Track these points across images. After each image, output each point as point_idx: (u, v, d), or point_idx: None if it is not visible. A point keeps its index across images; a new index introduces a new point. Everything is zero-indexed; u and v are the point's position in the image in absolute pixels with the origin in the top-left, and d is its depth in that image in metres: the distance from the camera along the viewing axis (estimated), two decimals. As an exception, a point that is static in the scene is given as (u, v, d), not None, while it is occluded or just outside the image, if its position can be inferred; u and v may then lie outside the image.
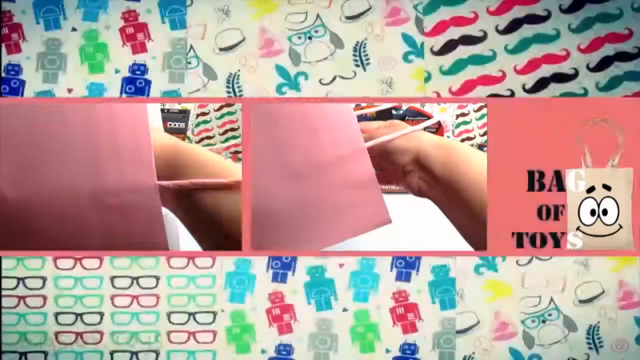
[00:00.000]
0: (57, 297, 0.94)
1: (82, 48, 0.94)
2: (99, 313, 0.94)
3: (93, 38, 0.94)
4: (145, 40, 0.94)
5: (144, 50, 0.94)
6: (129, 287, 0.94)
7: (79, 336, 0.94)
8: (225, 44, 0.95)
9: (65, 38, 0.94)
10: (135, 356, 0.94)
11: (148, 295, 0.94)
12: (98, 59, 0.94)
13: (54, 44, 0.94)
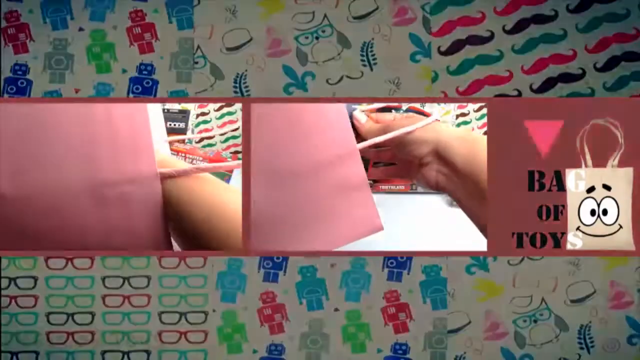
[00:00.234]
0: (49, 297, 0.94)
1: (89, 48, 0.94)
2: (91, 313, 0.94)
3: (100, 38, 0.94)
4: (152, 40, 0.94)
5: (151, 50, 0.94)
6: (120, 287, 0.94)
7: (71, 336, 0.94)
8: (232, 44, 0.95)
9: (72, 38, 0.94)
10: (126, 356, 0.94)
11: (139, 295, 0.94)
12: (105, 59, 0.94)
13: (61, 44, 0.94)
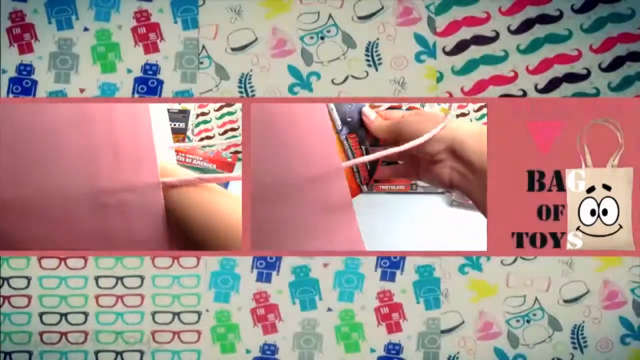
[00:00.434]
0: (42, 297, 0.94)
1: (94, 48, 0.94)
2: (84, 313, 0.94)
3: (105, 38, 0.94)
4: (157, 40, 0.94)
5: (156, 50, 0.94)
6: (114, 287, 0.94)
7: (64, 336, 0.94)
8: (237, 44, 0.95)
9: (77, 38, 0.94)
10: (119, 356, 0.94)
11: (132, 295, 0.94)
12: (110, 59, 0.94)
13: (66, 44, 0.94)
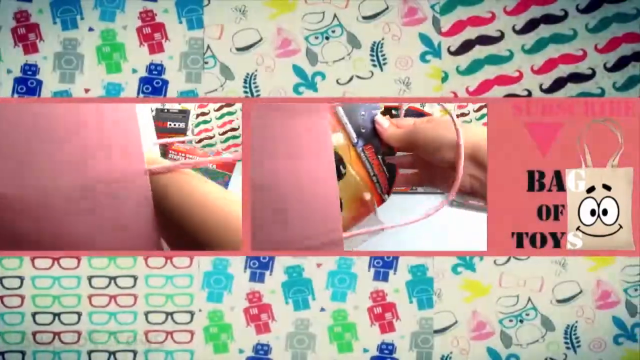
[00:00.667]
0: (35, 297, 0.94)
1: (99, 48, 0.94)
2: (77, 313, 0.94)
3: (110, 38, 0.94)
4: (162, 40, 0.94)
5: (161, 50, 0.94)
6: (107, 287, 0.94)
7: (57, 336, 0.94)
8: (242, 44, 0.95)
9: (82, 38, 0.94)
10: (113, 356, 0.94)
11: (126, 294, 0.94)
12: (115, 59, 0.94)
13: (71, 44, 0.94)
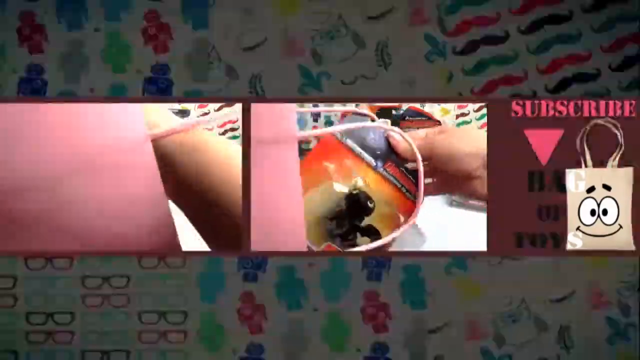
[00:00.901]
0: (28, 297, 0.94)
1: (104, 48, 0.94)
2: (70, 313, 0.94)
3: (115, 38, 0.94)
4: (167, 40, 0.94)
5: (166, 50, 0.94)
6: (100, 287, 0.94)
7: (50, 336, 0.94)
8: (247, 44, 0.95)
9: (87, 38, 0.94)
10: (106, 356, 0.94)
11: (119, 295, 0.94)
12: (120, 59, 0.94)
13: (76, 45, 0.94)
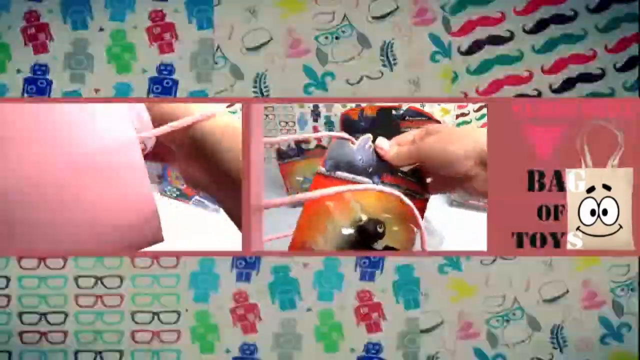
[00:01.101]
0: (21, 297, 0.94)
1: (109, 48, 0.94)
2: (63, 313, 0.94)
3: (120, 38, 0.94)
4: (172, 40, 0.94)
5: (171, 50, 0.94)
6: (93, 287, 0.94)
7: (43, 336, 0.94)
8: (252, 44, 0.95)
9: (92, 38, 0.94)
10: (99, 356, 0.94)
11: (112, 295, 0.94)
12: (125, 59, 0.94)
13: (81, 44, 0.94)
